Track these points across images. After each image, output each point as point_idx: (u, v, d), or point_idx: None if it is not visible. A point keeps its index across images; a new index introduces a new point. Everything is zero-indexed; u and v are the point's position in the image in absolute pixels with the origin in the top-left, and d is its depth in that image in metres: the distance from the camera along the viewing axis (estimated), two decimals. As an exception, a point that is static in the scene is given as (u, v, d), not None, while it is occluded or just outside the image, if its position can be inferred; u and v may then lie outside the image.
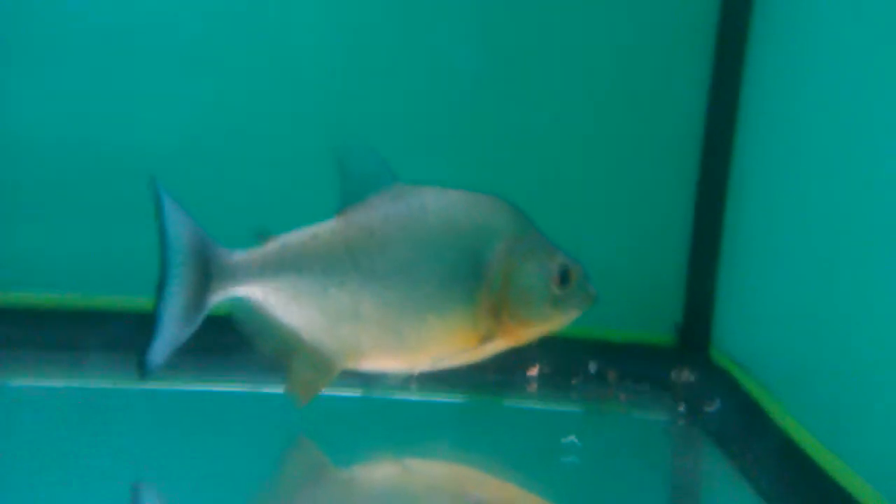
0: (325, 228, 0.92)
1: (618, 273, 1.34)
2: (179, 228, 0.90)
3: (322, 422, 1.01)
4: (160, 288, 0.90)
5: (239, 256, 0.91)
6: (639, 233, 1.35)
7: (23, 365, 1.18)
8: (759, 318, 1.17)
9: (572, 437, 1.02)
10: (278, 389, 0.94)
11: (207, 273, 0.90)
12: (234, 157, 1.29)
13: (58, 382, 1.14)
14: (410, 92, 1.31)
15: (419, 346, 0.92)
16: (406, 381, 0.98)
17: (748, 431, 1.07)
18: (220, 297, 0.91)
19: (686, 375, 1.26)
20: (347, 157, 0.92)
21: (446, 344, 0.92)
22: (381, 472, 0.97)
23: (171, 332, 0.90)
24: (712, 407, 1.16)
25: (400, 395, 1.14)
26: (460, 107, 1.32)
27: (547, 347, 1.28)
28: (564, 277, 0.91)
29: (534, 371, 1.26)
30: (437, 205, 0.91)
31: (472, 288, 0.90)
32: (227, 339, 0.93)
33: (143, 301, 0.94)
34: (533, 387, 1.24)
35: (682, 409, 1.18)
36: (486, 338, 0.92)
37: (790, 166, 1.12)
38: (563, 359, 1.28)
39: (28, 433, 0.98)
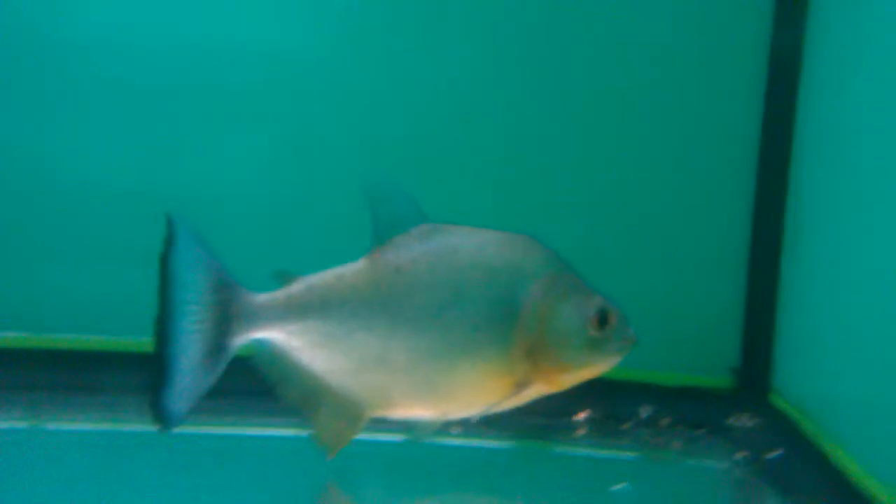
0: (352, 270, 0.87)
1: (671, 314, 1.30)
2: (198, 264, 0.86)
3: (359, 467, 0.98)
4: (167, 330, 0.86)
5: (262, 298, 0.87)
6: (693, 272, 1.30)
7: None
8: (821, 360, 1.11)
9: (623, 484, 0.96)
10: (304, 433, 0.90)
11: (228, 314, 0.86)
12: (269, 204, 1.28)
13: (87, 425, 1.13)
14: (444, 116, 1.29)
15: (451, 394, 0.87)
16: (438, 428, 0.92)
17: (811, 479, 1.01)
18: (242, 340, 0.86)
19: (744, 421, 1.20)
20: (375, 195, 0.89)
21: (480, 390, 0.87)
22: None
23: (191, 379, 0.85)
24: (773, 454, 1.09)
25: (442, 440, 1.11)
26: (503, 150, 1.30)
27: (597, 391, 1.25)
28: (603, 320, 0.87)
29: (582, 415, 1.21)
30: (468, 245, 0.87)
31: (506, 331, 0.85)
32: (246, 384, 0.88)
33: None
34: (582, 432, 1.19)
35: (740, 456, 1.12)
36: (521, 384, 0.87)
37: (853, 197, 1.06)
38: (614, 403, 1.23)
39: (51, 477, 0.96)
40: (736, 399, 1.25)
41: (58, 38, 1.24)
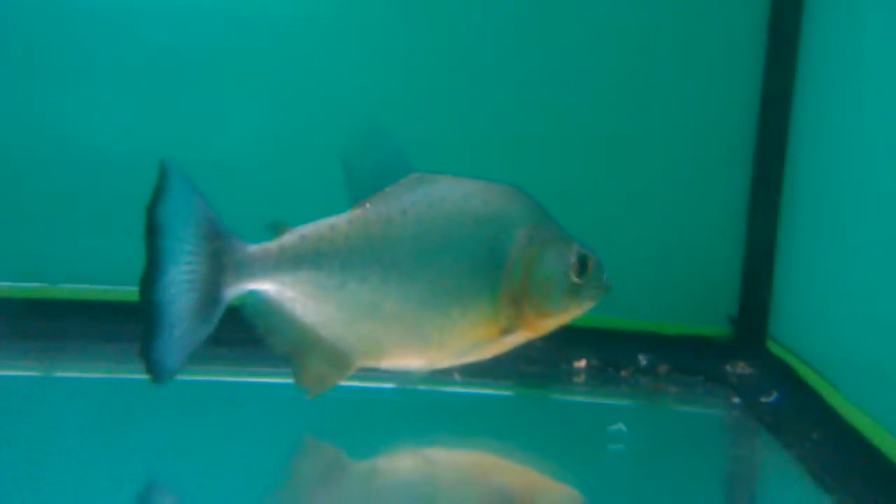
0: (344, 220, 0.87)
1: (669, 264, 1.31)
2: (191, 212, 0.84)
3: (354, 414, 0.99)
4: (156, 279, 0.84)
5: (256, 248, 0.86)
6: (692, 221, 1.30)
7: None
8: (819, 307, 1.12)
9: (620, 425, 0.97)
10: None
11: (221, 265, 0.84)
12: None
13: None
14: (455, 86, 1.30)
15: (441, 342, 0.87)
16: (426, 376, 0.93)
17: (805, 421, 1.02)
18: (236, 291, 0.85)
19: (741, 368, 1.21)
20: (364, 145, 0.88)
21: (468, 338, 0.87)
22: (404, 463, 0.94)
23: (183, 331, 0.84)
24: (768, 398, 1.11)
25: (443, 388, 1.12)
26: (503, 100, 1.30)
27: (596, 340, 1.26)
28: (582, 266, 0.87)
29: (581, 363, 1.22)
30: (455, 194, 0.87)
31: (493, 279, 0.86)
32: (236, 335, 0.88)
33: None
34: (581, 379, 1.20)
35: (736, 400, 1.13)
36: (505, 330, 0.87)
37: (851, 145, 1.07)
38: (613, 352, 1.24)
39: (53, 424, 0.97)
40: (733, 347, 1.26)
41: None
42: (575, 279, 0.87)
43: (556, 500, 0.88)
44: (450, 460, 0.97)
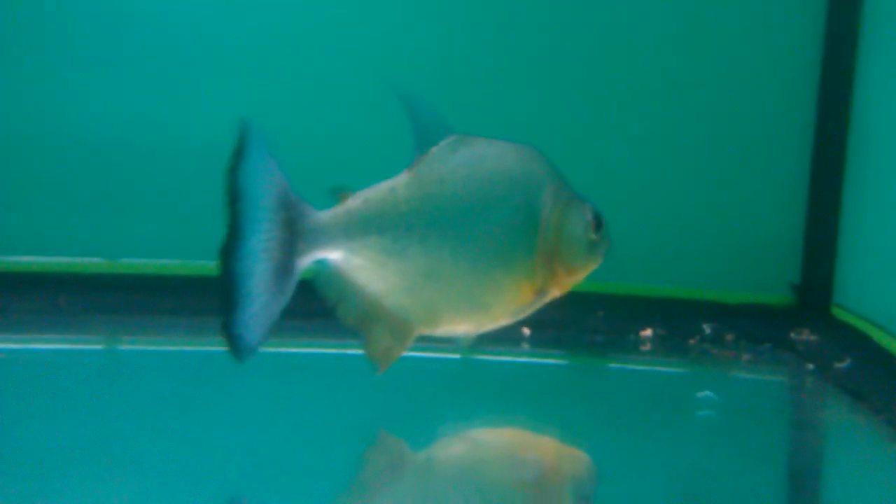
0: (401, 182, 0.85)
1: (731, 233, 1.31)
2: (268, 179, 0.81)
3: (420, 383, 0.99)
4: (238, 248, 0.81)
5: (326, 215, 0.83)
6: (754, 190, 1.30)
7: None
8: (887, 271, 1.12)
9: (707, 392, 0.97)
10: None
11: (295, 233, 0.82)
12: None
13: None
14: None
15: (489, 305, 0.86)
16: (474, 342, 0.93)
17: (886, 384, 1.02)
18: (309, 260, 0.83)
19: (807, 335, 1.21)
20: (411, 109, 0.86)
21: (511, 300, 0.87)
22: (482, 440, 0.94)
23: (262, 303, 0.81)
24: (842, 363, 1.10)
25: (510, 357, 1.12)
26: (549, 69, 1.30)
27: (661, 310, 1.27)
28: (598, 223, 0.88)
29: (648, 332, 1.22)
30: (491, 155, 0.86)
31: (530, 239, 0.86)
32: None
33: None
34: (647, 348, 1.20)
35: (810, 367, 1.13)
36: (540, 291, 0.87)
37: None
38: (678, 321, 1.24)
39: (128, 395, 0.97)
40: (798, 314, 1.26)
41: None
42: (593, 236, 0.88)
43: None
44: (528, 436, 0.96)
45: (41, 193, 1.30)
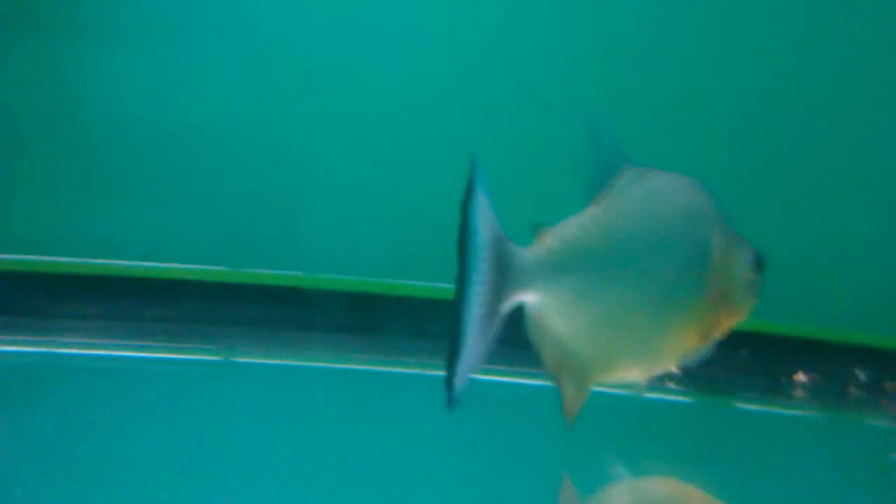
0: (588, 219, 0.80)
1: (884, 274, 1.25)
2: (488, 216, 0.75)
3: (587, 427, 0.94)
4: (464, 294, 0.75)
5: (530, 255, 0.78)
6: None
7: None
8: None
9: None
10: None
11: (505, 274, 0.76)
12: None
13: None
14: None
15: (662, 350, 0.81)
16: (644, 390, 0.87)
17: None
18: (513, 302, 0.77)
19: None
20: (594, 139, 0.82)
21: (681, 344, 0.82)
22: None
23: (476, 349, 0.76)
24: None
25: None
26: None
27: (812, 353, 1.20)
28: (759, 263, 0.83)
29: (801, 377, 1.15)
30: (670, 191, 0.82)
31: (700, 280, 0.81)
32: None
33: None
34: (801, 394, 1.13)
35: None
36: (704, 334, 0.82)
37: None
38: (829, 366, 1.17)
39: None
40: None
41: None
42: (755, 277, 0.83)
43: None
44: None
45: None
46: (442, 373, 0.75)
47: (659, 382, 1.06)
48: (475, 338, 0.75)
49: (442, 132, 1.25)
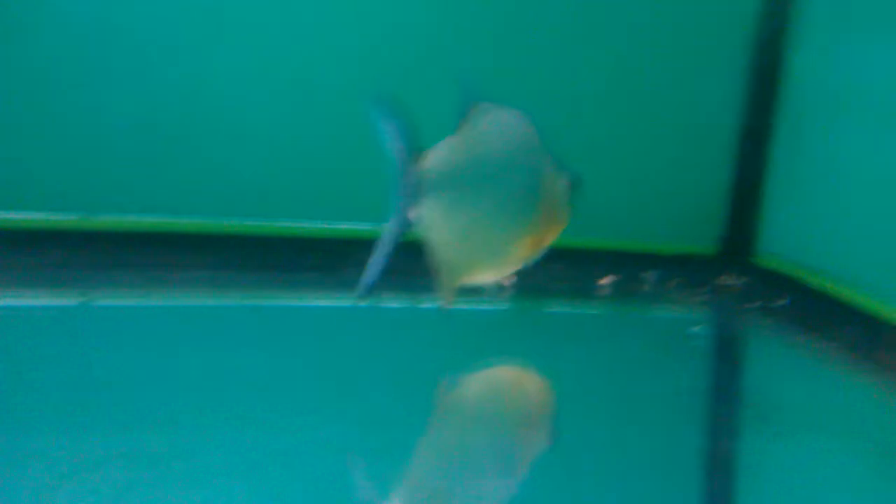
0: (456, 143, 0.96)
1: (666, 193, 1.48)
2: (399, 143, 0.93)
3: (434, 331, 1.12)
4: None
5: (419, 172, 0.93)
6: (685, 156, 1.47)
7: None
8: (816, 223, 1.32)
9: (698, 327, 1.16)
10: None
11: (416, 186, 0.93)
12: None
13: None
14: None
15: (510, 256, 0.99)
16: (499, 290, 1.05)
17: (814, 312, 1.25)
18: (415, 212, 0.94)
19: (735, 279, 1.40)
20: (462, 85, 0.97)
21: (523, 251, 1.00)
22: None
23: (385, 253, 0.94)
24: (780, 302, 1.31)
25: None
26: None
27: (610, 261, 1.42)
28: (574, 184, 1.02)
29: (606, 280, 1.37)
30: (514, 124, 0.99)
31: (535, 197, 0.99)
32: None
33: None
34: (606, 292, 1.36)
35: (750, 306, 1.32)
36: (537, 243, 1.01)
37: (844, 63, 1.26)
38: (626, 270, 1.40)
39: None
40: (726, 262, 1.46)
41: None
42: (571, 195, 1.02)
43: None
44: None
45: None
46: (317, 303, 0.92)
47: (498, 291, 1.28)
48: (388, 240, 0.93)
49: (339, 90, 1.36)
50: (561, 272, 1.38)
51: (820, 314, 1.25)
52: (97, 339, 1.04)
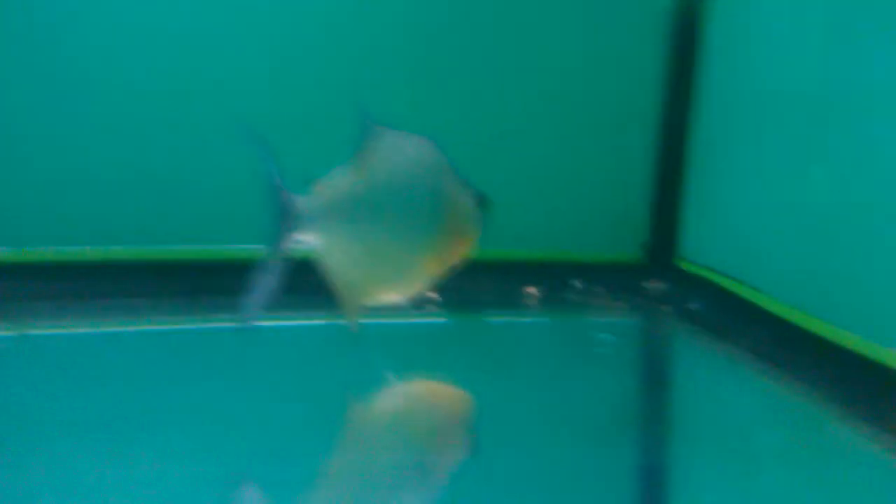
0: (350, 172, 1.00)
1: (588, 203, 1.53)
2: (274, 175, 0.98)
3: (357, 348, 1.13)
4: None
5: (307, 202, 0.98)
6: (605, 168, 1.52)
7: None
8: (731, 230, 1.38)
9: (606, 335, 1.21)
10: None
11: (287, 219, 0.98)
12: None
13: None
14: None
15: (414, 277, 1.05)
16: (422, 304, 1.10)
17: (729, 316, 1.31)
18: (296, 241, 0.99)
19: (660, 284, 1.46)
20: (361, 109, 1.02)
21: (428, 271, 1.05)
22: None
23: (269, 280, 0.98)
24: (694, 305, 1.36)
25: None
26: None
27: (535, 271, 1.47)
28: (481, 203, 1.07)
29: (531, 290, 1.42)
30: (407, 147, 1.03)
31: (441, 218, 1.04)
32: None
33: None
34: (533, 302, 1.40)
35: (667, 309, 1.38)
36: (445, 261, 1.06)
37: (757, 69, 1.32)
38: (552, 279, 1.45)
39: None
40: (650, 268, 1.51)
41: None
42: (478, 213, 1.07)
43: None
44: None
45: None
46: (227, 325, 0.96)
47: (423, 306, 1.32)
48: (264, 273, 0.97)
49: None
50: (489, 284, 1.44)
51: (732, 317, 1.31)
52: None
